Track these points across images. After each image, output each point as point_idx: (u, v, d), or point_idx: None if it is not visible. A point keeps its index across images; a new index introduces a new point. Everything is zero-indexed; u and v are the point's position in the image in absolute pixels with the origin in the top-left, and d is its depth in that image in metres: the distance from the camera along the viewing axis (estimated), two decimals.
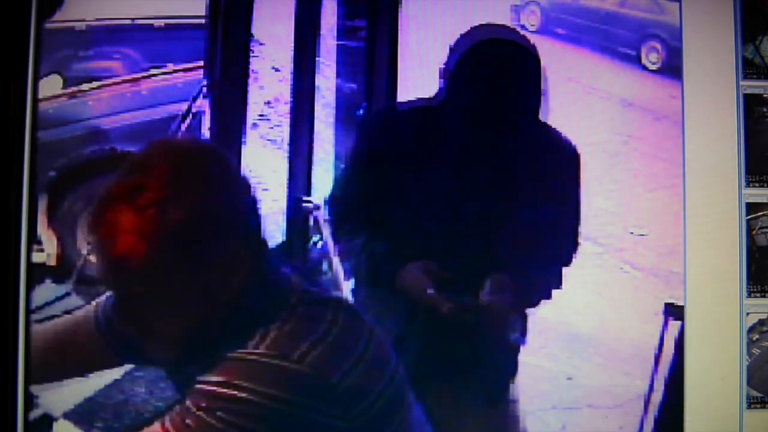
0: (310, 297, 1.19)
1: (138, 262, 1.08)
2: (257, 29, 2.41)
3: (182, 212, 1.08)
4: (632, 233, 2.50)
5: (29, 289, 1.51)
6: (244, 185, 1.18)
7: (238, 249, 1.14)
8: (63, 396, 1.99)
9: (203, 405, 1.12)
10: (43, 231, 2.47)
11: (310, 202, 2.16)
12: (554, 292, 1.83)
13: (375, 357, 1.20)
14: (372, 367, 1.18)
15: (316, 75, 2.25)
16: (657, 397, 1.96)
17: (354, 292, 2.15)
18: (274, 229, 2.40)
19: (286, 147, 2.34)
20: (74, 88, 2.57)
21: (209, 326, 1.15)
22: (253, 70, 2.47)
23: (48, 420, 1.94)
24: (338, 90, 2.39)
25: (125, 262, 1.09)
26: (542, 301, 1.76)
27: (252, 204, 1.18)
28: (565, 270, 1.81)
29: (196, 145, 1.22)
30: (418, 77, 2.16)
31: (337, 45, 2.35)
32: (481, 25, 1.76)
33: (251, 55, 2.44)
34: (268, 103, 2.58)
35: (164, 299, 1.12)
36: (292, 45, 2.23)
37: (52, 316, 2.27)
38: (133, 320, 1.16)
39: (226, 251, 1.13)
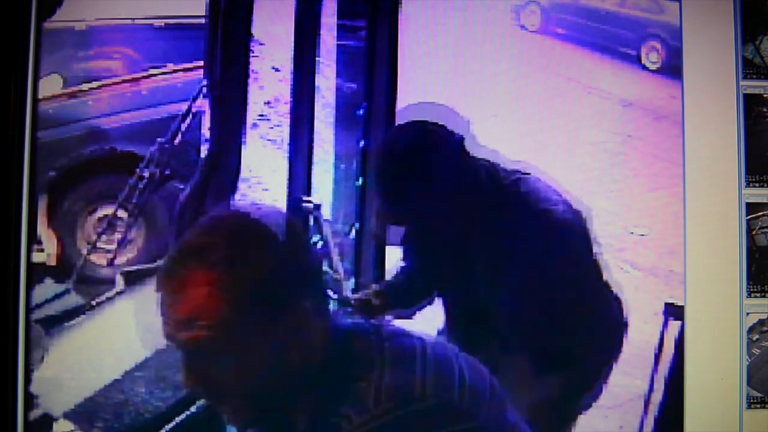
0: (386, 329, 1.20)
1: (208, 316, 1.09)
2: (257, 29, 2.41)
3: (251, 270, 1.10)
4: (632, 233, 2.50)
5: (29, 288, 1.52)
6: (310, 247, 1.22)
7: (306, 308, 1.15)
8: (63, 396, 1.99)
9: None
10: (43, 231, 2.47)
11: (310, 202, 2.16)
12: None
13: (467, 358, 1.21)
14: (473, 367, 1.20)
15: (316, 75, 2.25)
16: (657, 397, 1.96)
17: (353, 292, 2.16)
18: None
19: (286, 147, 2.33)
20: (74, 88, 2.57)
21: (292, 388, 1.15)
22: (253, 70, 2.47)
23: (48, 420, 1.94)
24: (338, 90, 2.39)
25: (196, 317, 1.10)
26: None
27: (317, 265, 1.21)
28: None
29: (262, 210, 1.22)
30: (418, 77, 2.16)
31: (337, 45, 2.35)
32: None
33: (251, 55, 2.44)
34: (268, 103, 2.58)
35: (235, 355, 1.12)
36: (292, 45, 2.22)
37: (52, 316, 2.28)
38: (203, 380, 1.15)
39: (294, 309, 1.13)
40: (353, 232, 2.29)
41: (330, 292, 1.82)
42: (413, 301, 1.98)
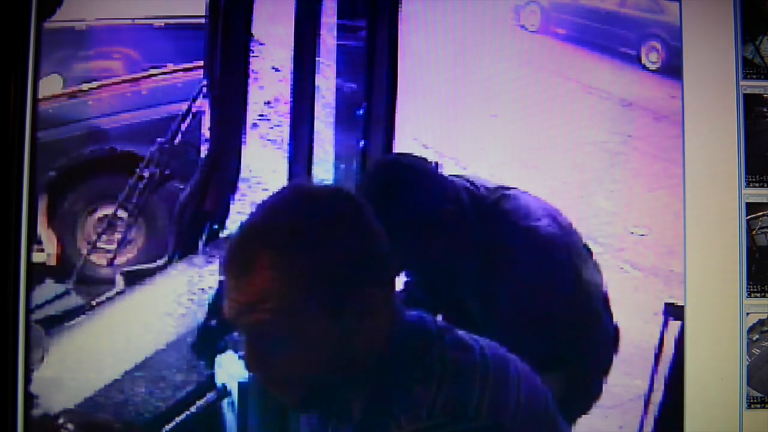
0: (450, 336, 1.17)
1: (273, 300, 1.07)
2: (257, 29, 2.41)
3: (315, 253, 1.08)
4: (632, 233, 2.50)
5: (29, 288, 1.52)
6: (378, 232, 1.14)
7: (373, 294, 1.12)
8: (63, 396, 1.99)
9: None
10: (43, 231, 2.47)
11: None
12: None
13: (524, 370, 1.19)
14: (531, 383, 1.18)
15: (316, 75, 2.25)
16: (657, 397, 1.96)
17: None
18: None
19: (286, 147, 2.33)
20: (74, 88, 2.58)
21: (353, 376, 1.13)
22: (253, 70, 2.47)
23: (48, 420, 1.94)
24: (338, 90, 2.39)
25: (260, 300, 1.08)
26: None
27: (386, 251, 1.15)
28: None
29: (329, 191, 1.18)
30: (418, 77, 2.16)
31: (337, 45, 2.35)
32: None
33: (251, 55, 2.44)
34: (268, 103, 2.58)
35: (297, 340, 1.10)
36: (292, 45, 2.23)
37: (52, 316, 2.28)
38: (265, 363, 1.13)
39: (361, 295, 1.10)
40: None
41: None
42: None
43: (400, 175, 1.73)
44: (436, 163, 1.76)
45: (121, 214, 2.56)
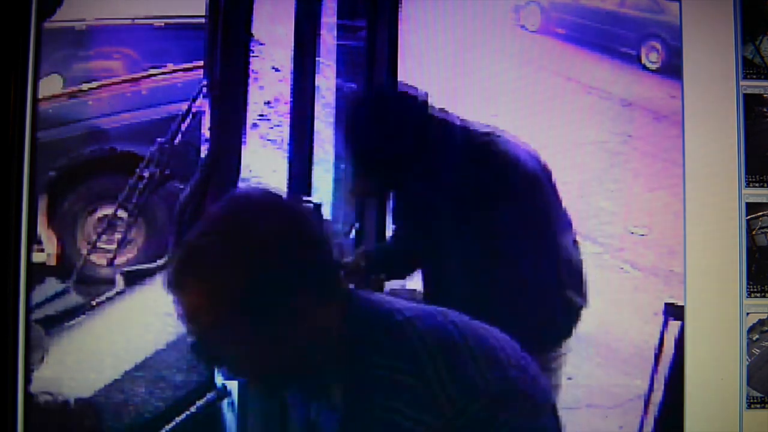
0: (411, 312, 1.18)
1: (209, 315, 1.12)
2: (257, 29, 2.41)
3: (252, 265, 1.12)
4: (632, 233, 2.50)
5: (29, 288, 1.52)
6: (318, 238, 1.18)
7: (317, 301, 1.15)
8: (63, 396, 1.99)
9: None
10: (43, 231, 2.47)
11: (310, 202, 2.15)
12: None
13: (504, 338, 1.22)
14: (512, 347, 1.20)
15: (316, 75, 2.25)
16: (657, 397, 1.96)
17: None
18: None
19: (286, 147, 2.33)
20: (74, 88, 2.57)
21: (310, 363, 1.17)
22: (253, 70, 2.47)
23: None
24: (338, 90, 2.39)
25: (199, 314, 1.13)
26: None
27: (326, 250, 1.18)
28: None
29: (268, 201, 1.21)
30: (418, 77, 2.16)
31: (337, 45, 2.35)
32: None
33: (251, 55, 2.44)
34: (268, 103, 2.58)
35: (240, 343, 1.15)
36: (292, 45, 2.22)
37: (52, 316, 2.28)
38: (219, 360, 1.21)
39: (304, 298, 1.14)
40: (353, 232, 2.29)
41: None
42: (398, 266, 2.02)
43: (386, 100, 1.86)
44: (425, 94, 1.84)
45: (121, 214, 2.55)
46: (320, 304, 1.15)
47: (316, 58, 2.24)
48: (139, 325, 2.25)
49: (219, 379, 2.06)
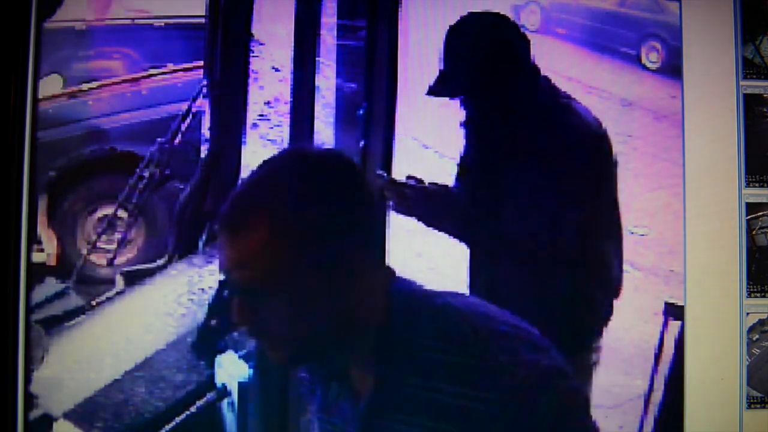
0: (445, 293, 1.18)
1: (264, 259, 1.08)
2: (257, 29, 2.41)
3: (310, 215, 1.09)
4: (632, 233, 2.50)
5: (29, 288, 1.52)
6: (373, 199, 1.17)
7: (364, 257, 1.13)
8: (63, 396, 1.99)
9: None
10: (43, 231, 2.47)
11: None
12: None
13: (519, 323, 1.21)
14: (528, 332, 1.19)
15: (316, 75, 2.25)
16: (657, 397, 1.96)
17: None
18: None
19: (285, 147, 2.33)
20: (74, 88, 2.57)
21: (346, 339, 1.14)
22: (253, 70, 2.47)
23: (48, 420, 1.94)
24: (338, 90, 2.39)
25: (252, 259, 1.09)
26: None
27: (379, 218, 1.18)
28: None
29: (329, 155, 1.19)
30: (418, 77, 2.16)
31: (337, 45, 2.35)
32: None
33: (251, 55, 2.44)
34: (268, 103, 2.58)
35: (287, 299, 1.11)
36: (292, 45, 2.22)
37: (52, 316, 2.28)
38: (251, 319, 1.14)
39: (352, 257, 1.11)
40: None
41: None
42: (445, 213, 1.99)
43: (504, 26, 1.91)
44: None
45: (121, 214, 2.55)
46: (367, 272, 1.12)
47: (316, 58, 2.24)
48: (139, 325, 2.25)
49: (219, 379, 2.06)
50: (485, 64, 1.86)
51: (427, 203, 1.98)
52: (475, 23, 1.91)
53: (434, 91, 1.96)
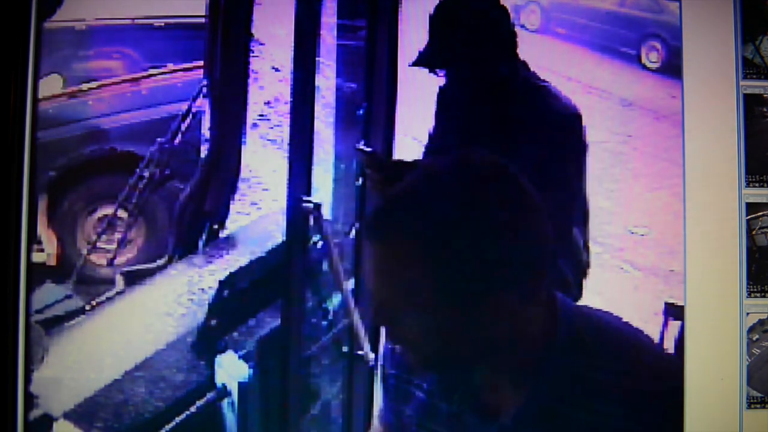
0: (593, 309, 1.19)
1: (413, 296, 1.02)
2: (257, 29, 2.41)
3: (472, 238, 1.01)
4: (632, 233, 2.50)
5: (29, 289, 1.51)
6: (544, 221, 1.07)
7: (534, 284, 1.05)
8: (63, 396, 1.99)
9: None
10: (43, 231, 2.47)
11: (310, 202, 2.16)
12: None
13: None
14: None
15: (316, 75, 2.25)
16: None
17: (354, 291, 2.16)
18: (274, 229, 2.40)
19: (286, 147, 2.33)
20: (74, 88, 2.57)
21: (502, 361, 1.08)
22: (253, 70, 2.47)
23: (48, 420, 1.94)
24: (338, 90, 2.39)
25: (393, 272, 1.03)
26: None
27: (539, 221, 1.06)
28: None
29: (497, 170, 1.08)
30: (418, 77, 2.16)
31: (337, 45, 2.35)
32: None
33: (251, 55, 2.44)
34: (268, 103, 2.58)
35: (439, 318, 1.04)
36: (292, 45, 2.22)
37: (53, 317, 2.28)
38: (397, 330, 1.08)
39: (519, 284, 1.03)
40: (353, 232, 2.29)
41: None
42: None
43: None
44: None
45: (121, 214, 2.55)
46: (529, 301, 1.04)
47: (316, 58, 2.24)
48: (139, 325, 2.25)
49: (219, 379, 2.06)
50: (467, 36, 1.90)
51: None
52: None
53: (416, 62, 1.99)
